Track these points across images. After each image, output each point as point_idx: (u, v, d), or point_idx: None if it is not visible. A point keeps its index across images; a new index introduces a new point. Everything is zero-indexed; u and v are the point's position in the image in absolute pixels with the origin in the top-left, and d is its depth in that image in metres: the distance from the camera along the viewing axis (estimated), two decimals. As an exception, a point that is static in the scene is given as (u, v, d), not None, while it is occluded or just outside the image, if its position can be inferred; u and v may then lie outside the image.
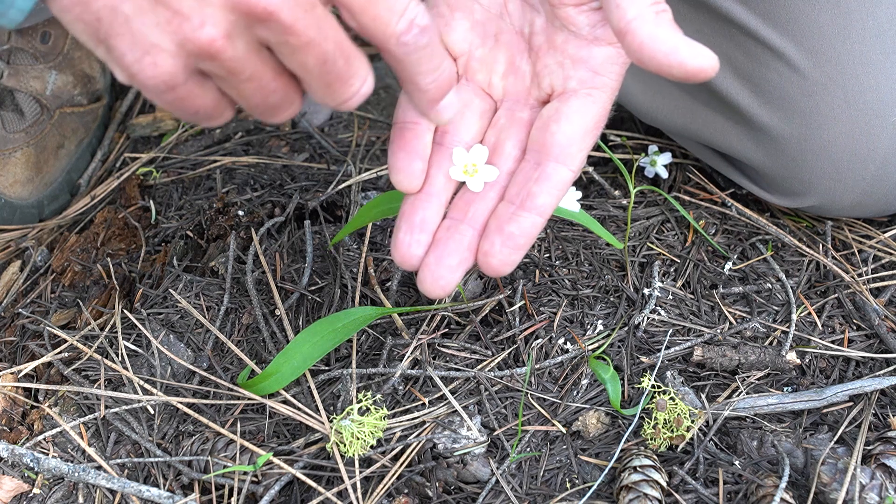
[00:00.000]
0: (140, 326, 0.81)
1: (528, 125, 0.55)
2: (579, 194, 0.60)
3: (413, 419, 0.73)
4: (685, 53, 0.45)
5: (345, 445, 0.69)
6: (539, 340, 0.78)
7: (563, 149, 0.52)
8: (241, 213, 0.92)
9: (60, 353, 0.81)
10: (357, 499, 0.68)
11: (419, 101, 0.52)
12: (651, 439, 0.71)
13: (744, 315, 0.81)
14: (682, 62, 0.45)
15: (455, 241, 0.53)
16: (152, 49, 0.43)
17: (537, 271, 0.83)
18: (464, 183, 0.55)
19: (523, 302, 0.80)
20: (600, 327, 0.79)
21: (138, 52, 0.43)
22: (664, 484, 0.67)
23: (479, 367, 0.76)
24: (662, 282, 0.83)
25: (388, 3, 0.45)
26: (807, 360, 0.77)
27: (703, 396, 0.74)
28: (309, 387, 0.75)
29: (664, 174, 0.91)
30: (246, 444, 0.72)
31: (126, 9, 0.42)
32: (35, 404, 0.79)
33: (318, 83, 0.46)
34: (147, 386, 0.77)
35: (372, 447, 0.70)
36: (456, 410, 0.73)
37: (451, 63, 0.51)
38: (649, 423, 0.71)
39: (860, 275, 0.84)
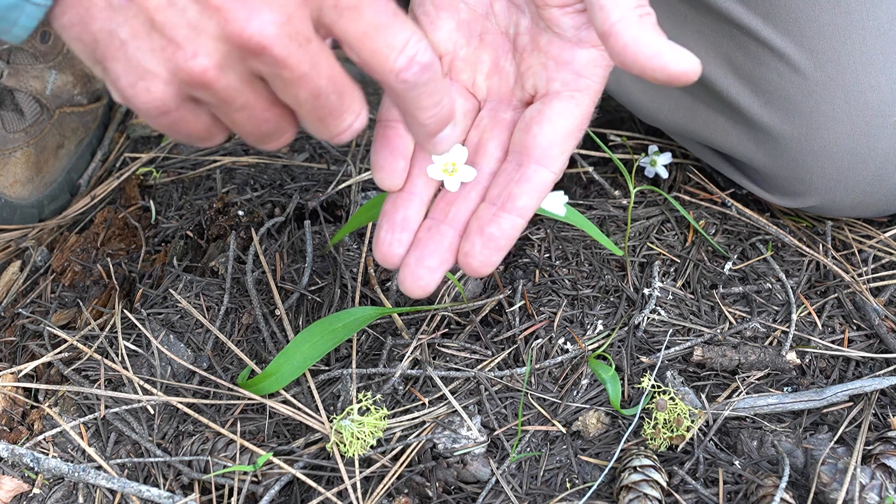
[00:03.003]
0: (140, 326, 0.81)
1: (510, 126, 0.55)
2: (566, 198, 0.60)
3: (413, 419, 0.73)
4: (668, 57, 0.45)
5: (345, 445, 0.69)
6: (539, 340, 0.78)
7: (545, 151, 0.52)
8: (241, 213, 0.92)
9: (60, 353, 0.81)
10: (357, 499, 0.68)
11: (416, 133, 0.51)
12: (651, 439, 0.71)
13: (744, 315, 0.81)
14: (665, 65, 0.45)
15: (435, 241, 0.53)
16: (146, 75, 0.43)
17: (537, 271, 0.83)
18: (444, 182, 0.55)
19: (523, 302, 0.80)
20: (600, 327, 0.79)
21: (133, 76, 0.43)
22: (664, 484, 0.67)
23: (479, 367, 0.76)
24: (662, 282, 0.83)
25: (386, 38, 0.44)
26: (807, 360, 0.77)
27: (703, 396, 0.74)
28: (309, 387, 0.75)
29: (664, 174, 0.91)
30: (246, 444, 0.72)
31: (122, 33, 0.42)
32: (35, 404, 0.79)
33: (311, 117, 0.46)
34: (147, 386, 0.77)
35: (372, 447, 0.70)
36: (456, 410, 0.73)
37: (452, 97, 0.50)
38: (649, 423, 0.71)
39: (860, 275, 0.84)
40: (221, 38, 0.42)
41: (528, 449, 0.72)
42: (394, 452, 0.71)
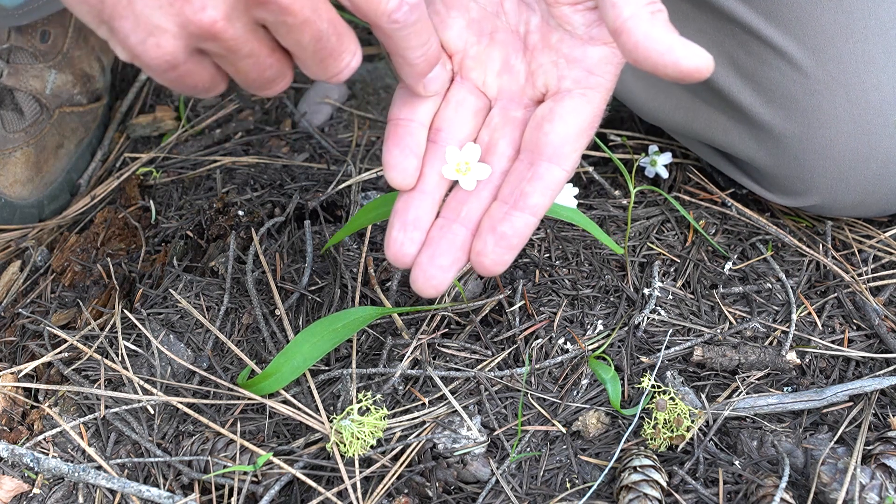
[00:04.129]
0: (140, 326, 0.81)
1: (522, 124, 0.55)
2: (576, 190, 0.60)
3: (413, 419, 0.73)
4: (680, 53, 0.45)
5: (345, 445, 0.69)
6: (539, 340, 0.78)
7: (557, 149, 0.52)
8: (241, 213, 0.92)
9: (60, 353, 0.81)
10: (357, 499, 0.68)
11: (407, 75, 0.53)
12: (651, 439, 0.71)
13: (744, 315, 0.81)
14: (677, 62, 0.45)
15: (448, 240, 0.53)
16: (155, 31, 0.44)
17: (537, 271, 0.83)
18: (457, 181, 0.55)
19: (523, 302, 0.80)
20: (600, 327, 0.79)
21: (142, 33, 0.44)
22: (664, 484, 0.67)
23: (479, 367, 0.76)
24: (662, 282, 0.83)
25: None
26: (807, 360, 0.77)
27: (703, 396, 0.74)
28: (309, 387, 0.75)
29: (664, 174, 0.91)
30: (246, 444, 0.72)
31: None
32: (35, 404, 0.79)
33: (312, 59, 0.48)
34: (147, 386, 0.77)
35: (372, 447, 0.70)
36: (456, 410, 0.73)
37: (437, 38, 0.53)
38: (649, 423, 0.71)
39: (860, 275, 0.84)
40: None
41: (528, 449, 0.72)
42: (394, 452, 0.71)
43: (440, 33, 0.56)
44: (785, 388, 0.75)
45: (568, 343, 0.78)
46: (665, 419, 0.70)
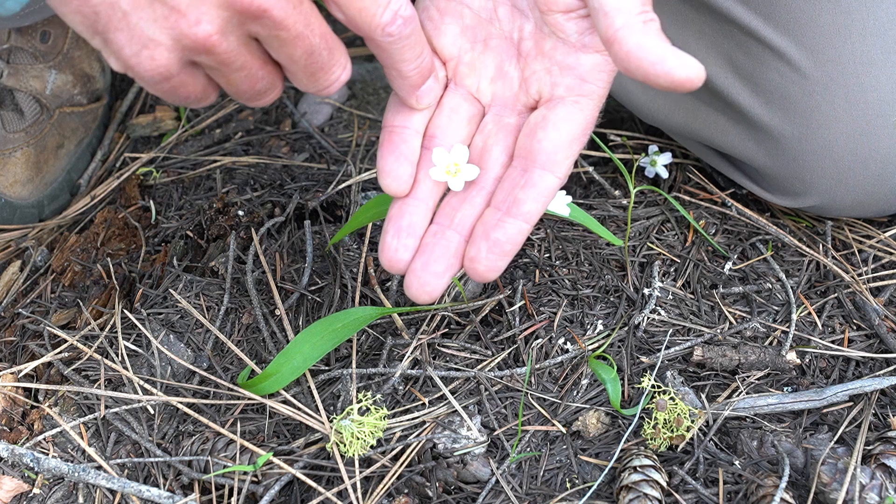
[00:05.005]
0: (140, 326, 0.81)
1: (515, 131, 0.55)
2: (569, 198, 0.60)
3: (413, 419, 0.73)
4: (672, 63, 0.45)
5: (345, 445, 0.69)
6: (539, 340, 0.78)
7: (550, 156, 0.52)
8: (241, 213, 0.92)
9: (60, 353, 0.81)
10: (357, 499, 0.68)
11: (401, 87, 0.54)
12: (651, 439, 0.71)
13: (744, 315, 0.81)
14: (669, 72, 0.45)
15: (441, 246, 0.53)
16: (150, 43, 0.45)
17: (537, 271, 0.83)
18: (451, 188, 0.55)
19: (523, 302, 0.80)
20: (600, 327, 0.79)
21: (136, 45, 0.45)
22: (664, 484, 0.67)
23: (479, 367, 0.76)
24: (662, 282, 0.83)
25: None
26: (807, 360, 0.77)
27: (703, 396, 0.74)
28: (309, 387, 0.75)
29: (664, 174, 0.91)
30: (246, 444, 0.72)
31: (124, 4, 0.44)
32: (35, 404, 0.79)
33: (304, 72, 0.49)
34: (147, 386, 0.77)
35: (372, 447, 0.70)
36: (456, 410, 0.73)
37: (430, 51, 0.54)
38: (649, 423, 0.71)
39: (860, 275, 0.84)
40: (222, 4, 0.44)
41: (528, 449, 0.72)
42: (394, 452, 0.71)
43: (434, 40, 0.56)
44: (785, 388, 0.75)
45: (568, 343, 0.78)
46: (665, 419, 0.70)
